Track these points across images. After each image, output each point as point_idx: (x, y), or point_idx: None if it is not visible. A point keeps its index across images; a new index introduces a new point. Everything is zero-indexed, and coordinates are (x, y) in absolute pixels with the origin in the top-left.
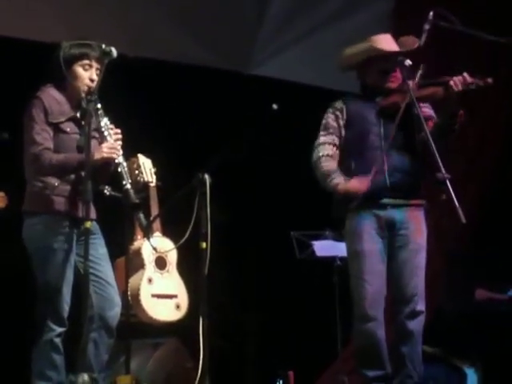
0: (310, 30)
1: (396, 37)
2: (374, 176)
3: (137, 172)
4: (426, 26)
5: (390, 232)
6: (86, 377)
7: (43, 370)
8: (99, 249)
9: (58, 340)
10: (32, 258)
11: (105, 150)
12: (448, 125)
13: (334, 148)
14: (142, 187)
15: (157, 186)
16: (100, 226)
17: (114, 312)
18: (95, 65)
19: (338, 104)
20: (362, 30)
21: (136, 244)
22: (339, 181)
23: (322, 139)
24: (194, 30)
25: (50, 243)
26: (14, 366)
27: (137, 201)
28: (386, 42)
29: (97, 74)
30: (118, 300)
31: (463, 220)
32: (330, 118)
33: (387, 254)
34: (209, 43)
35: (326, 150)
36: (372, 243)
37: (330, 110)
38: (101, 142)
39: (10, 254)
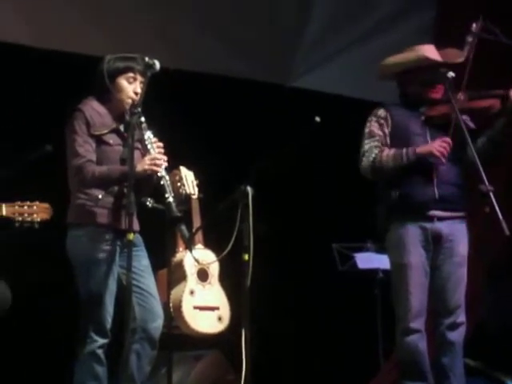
0: (351, 42)
1: (438, 48)
2: None
3: (179, 184)
4: (469, 38)
5: (436, 245)
6: None
7: (85, 382)
8: (142, 260)
9: (100, 351)
10: (75, 270)
11: (147, 162)
12: (501, 137)
13: (380, 149)
14: (184, 199)
15: (199, 199)
16: (142, 237)
17: (157, 324)
18: (139, 78)
19: (381, 112)
20: (403, 42)
21: (178, 256)
22: (413, 148)
23: (367, 146)
24: (234, 43)
25: (93, 255)
26: (55, 378)
27: (178, 214)
28: (433, 53)
29: (140, 88)
30: (160, 312)
31: (507, 232)
32: (373, 127)
33: (430, 265)
34: (249, 56)
35: (375, 151)
36: (417, 256)
37: (374, 118)
38: (144, 155)
39: (52, 265)
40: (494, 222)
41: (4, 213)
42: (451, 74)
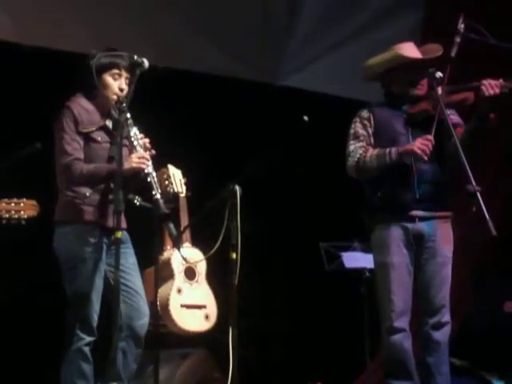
0: (339, 41)
1: (419, 45)
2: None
3: (167, 183)
4: (457, 39)
5: (418, 244)
6: None
7: (72, 379)
8: (129, 258)
9: (86, 349)
10: (62, 267)
11: (134, 160)
12: (479, 129)
13: (365, 149)
14: (172, 198)
15: (187, 197)
16: (130, 236)
17: (143, 322)
18: (124, 74)
19: (365, 113)
20: (391, 42)
21: (165, 254)
22: (396, 148)
23: (352, 147)
24: (223, 42)
25: (80, 252)
26: (42, 375)
27: (166, 211)
28: (410, 50)
29: (126, 84)
30: (146, 310)
31: (494, 232)
32: (358, 127)
33: (414, 265)
34: (237, 54)
35: (360, 151)
36: (400, 255)
37: (357, 119)
38: (131, 152)
39: (40, 263)
40: (480, 222)
41: None
42: (439, 74)
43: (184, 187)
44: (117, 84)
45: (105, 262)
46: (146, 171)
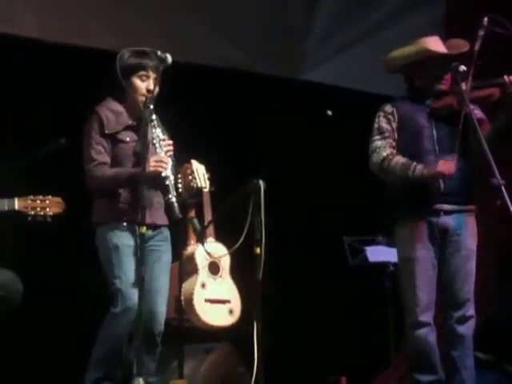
0: (361, 35)
1: (444, 40)
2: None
3: (190, 178)
4: (481, 32)
5: (443, 238)
6: (141, 381)
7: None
8: (163, 256)
9: (122, 336)
10: (103, 264)
11: (152, 163)
12: (506, 126)
13: (394, 150)
14: (195, 193)
15: (210, 192)
16: None
17: (158, 320)
18: (152, 75)
19: (388, 107)
20: (413, 35)
21: (189, 249)
22: (422, 166)
23: (379, 143)
24: (245, 38)
25: (114, 245)
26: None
27: (180, 216)
28: (436, 44)
29: (154, 83)
30: (161, 309)
31: None
32: (382, 122)
33: (438, 259)
34: (260, 49)
35: (387, 150)
36: (424, 250)
37: (381, 113)
38: (154, 152)
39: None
40: (505, 216)
41: (16, 207)
42: (463, 67)
43: (207, 182)
44: (144, 85)
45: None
46: (163, 174)
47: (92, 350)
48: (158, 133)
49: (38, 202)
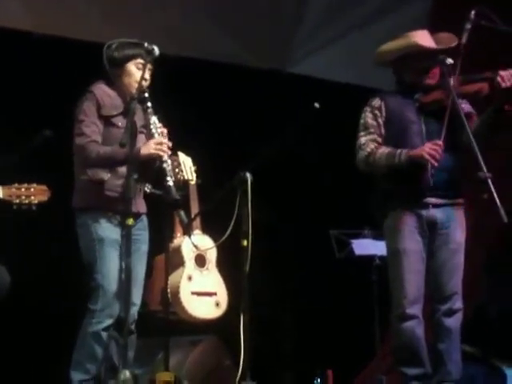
0: (348, 28)
1: (433, 34)
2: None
3: (177, 170)
4: (468, 25)
5: (431, 231)
6: (127, 373)
7: (83, 362)
8: (142, 245)
9: (104, 334)
10: (85, 253)
11: (152, 146)
12: (495, 120)
13: (377, 144)
14: (182, 185)
15: (197, 184)
16: None
17: (132, 311)
18: (148, 65)
19: (376, 102)
20: (400, 29)
21: (176, 241)
22: (407, 150)
23: (363, 139)
24: (233, 29)
25: (101, 238)
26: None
27: (178, 197)
28: (425, 39)
29: (149, 74)
30: (136, 299)
31: (505, 219)
32: (368, 118)
33: (426, 252)
34: (248, 42)
35: (371, 145)
36: (413, 242)
37: (368, 108)
38: (148, 139)
39: (56, 247)
40: (492, 209)
41: (1, 195)
42: (450, 60)
43: (194, 174)
44: (140, 73)
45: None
46: (163, 158)
47: (74, 349)
48: (154, 120)
49: (23, 190)
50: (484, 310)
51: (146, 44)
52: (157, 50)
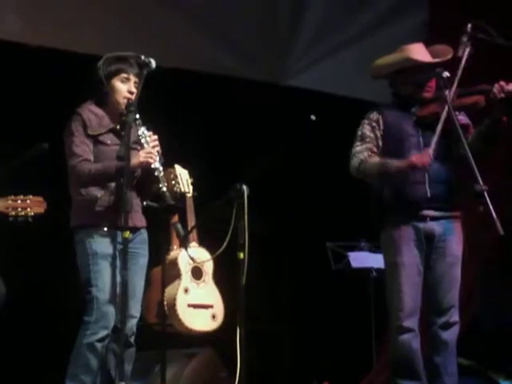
0: (346, 41)
1: (428, 46)
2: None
3: (173, 182)
4: (464, 38)
5: (429, 244)
6: None
7: (78, 374)
8: (140, 259)
9: (99, 345)
10: (81, 267)
11: (142, 154)
12: (492, 133)
13: (372, 154)
14: (178, 198)
15: (193, 197)
16: None
17: (130, 324)
18: (133, 78)
19: (374, 115)
20: (397, 42)
21: (172, 254)
22: (397, 161)
23: (358, 148)
24: (229, 42)
25: (98, 254)
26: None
27: (172, 202)
28: (420, 52)
29: (135, 87)
30: (135, 312)
31: (501, 232)
32: (366, 129)
33: (424, 265)
34: (244, 54)
35: (364, 153)
36: (410, 255)
37: (366, 121)
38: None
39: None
40: (488, 221)
41: None
42: (446, 73)
43: (191, 187)
44: (126, 88)
45: (118, 260)
46: (152, 166)
47: (69, 363)
48: (143, 130)
49: (19, 202)
50: (479, 322)
51: (142, 57)
52: (153, 63)
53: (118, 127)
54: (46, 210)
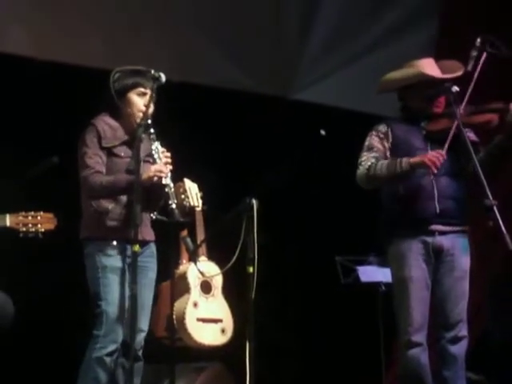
0: (353, 55)
1: (438, 62)
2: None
3: (183, 196)
4: (473, 53)
5: (437, 258)
6: None
7: None
8: (149, 273)
9: (108, 359)
10: (91, 280)
11: (152, 169)
12: (503, 151)
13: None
14: (188, 211)
15: (203, 211)
16: None
17: (139, 337)
18: (149, 92)
19: (382, 127)
20: (405, 57)
21: (181, 268)
22: (408, 158)
23: (364, 157)
24: (236, 56)
25: (107, 266)
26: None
27: (181, 219)
28: (431, 68)
29: (150, 101)
30: (144, 326)
31: (511, 247)
32: (374, 140)
33: (432, 279)
34: (252, 69)
35: (371, 160)
36: (418, 270)
37: (374, 132)
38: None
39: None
40: (497, 236)
41: (8, 223)
42: (456, 88)
43: (200, 201)
44: (142, 101)
45: (127, 274)
46: (163, 182)
47: (78, 377)
48: (157, 145)
49: (30, 218)
50: (488, 337)
51: (152, 71)
52: (163, 77)
53: (131, 139)
54: (56, 226)
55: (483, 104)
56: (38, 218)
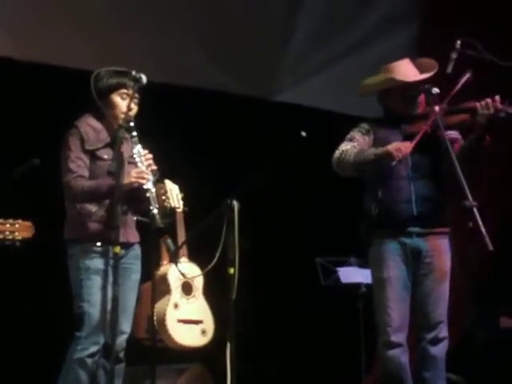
0: (334, 57)
1: (415, 60)
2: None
3: (164, 198)
4: (453, 55)
5: (416, 260)
6: None
7: None
8: (132, 275)
9: (89, 360)
10: (73, 282)
11: (133, 174)
12: (475, 150)
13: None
14: (168, 213)
15: (184, 212)
16: None
17: (121, 339)
18: (133, 94)
19: (365, 126)
20: (386, 58)
21: (162, 269)
22: (375, 148)
23: (343, 144)
24: (218, 57)
25: (90, 268)
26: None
27: (162, 225)
28: (404, 71)
29: (135, 103)
30: (126, 327)
31: (490, 248)
32: (355, 133)
33: (411, 281)
34: (233, 70)
35: (347, 147)
36: (397, 270)
37: (357, 128)
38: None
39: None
40: (477, 237)
41: None
42: (436, 89)
43: (181, 202)
44: (125, 103)
45: (110, 275)
46: (144, 187)
47: (58, 377)
48: (138, 148)
49: (8, 225)
50: (469, 338)
51: (133, 72)
52: (144, 79)
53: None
54: (34, 235)
55: (457, 104)
56: (16, 225)
